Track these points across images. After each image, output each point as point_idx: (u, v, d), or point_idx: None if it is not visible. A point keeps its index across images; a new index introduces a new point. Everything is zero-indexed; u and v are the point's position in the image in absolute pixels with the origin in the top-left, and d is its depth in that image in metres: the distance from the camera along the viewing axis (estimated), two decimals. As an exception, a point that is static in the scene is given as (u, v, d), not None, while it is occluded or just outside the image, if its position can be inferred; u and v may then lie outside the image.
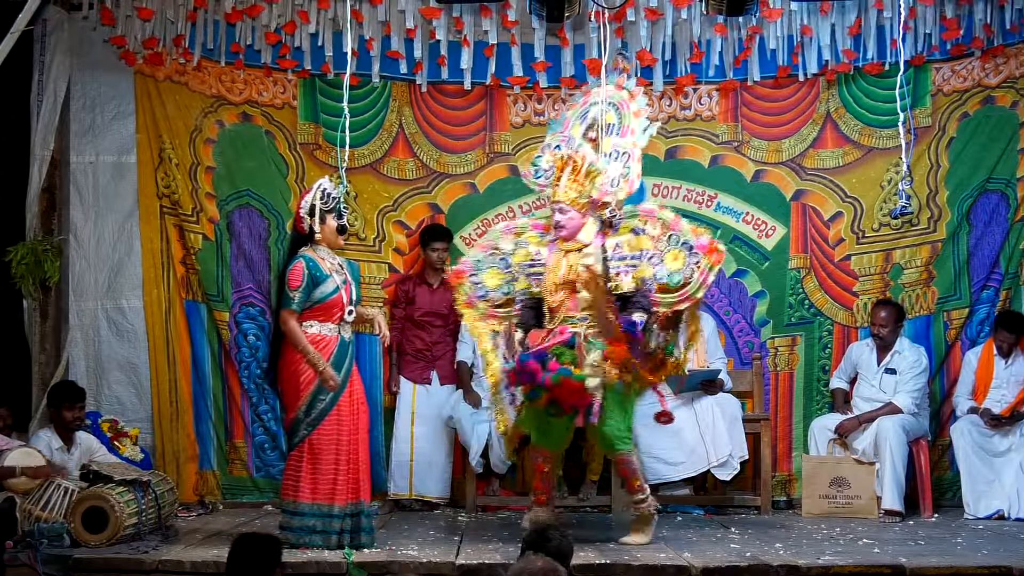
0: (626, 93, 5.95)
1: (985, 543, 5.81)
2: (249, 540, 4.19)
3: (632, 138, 5.83)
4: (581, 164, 5.68)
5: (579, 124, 5.98)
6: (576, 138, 5.90)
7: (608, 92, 5.92)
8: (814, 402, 7.38)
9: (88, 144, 7.32)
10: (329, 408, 5.48)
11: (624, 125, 5.86)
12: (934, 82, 7.35)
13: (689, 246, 5.57)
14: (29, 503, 5.60)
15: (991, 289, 7.32)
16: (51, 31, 7.16)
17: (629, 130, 5.84)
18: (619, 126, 5.86)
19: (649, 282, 5.56)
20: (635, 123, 5.86)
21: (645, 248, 5.63)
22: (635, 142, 5.82)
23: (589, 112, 5.96)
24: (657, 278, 5.56)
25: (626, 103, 5.91)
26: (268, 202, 7.37)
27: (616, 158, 5.78)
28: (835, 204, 7.43)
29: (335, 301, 5.53)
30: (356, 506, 5.54)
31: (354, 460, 5.53)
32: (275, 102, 7.42)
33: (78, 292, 7.27)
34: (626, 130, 5.85)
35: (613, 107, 5.91)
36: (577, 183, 5.67)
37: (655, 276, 5.56)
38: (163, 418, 7.22)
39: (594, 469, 7.05)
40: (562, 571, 3.41)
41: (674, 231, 5.63)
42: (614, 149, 5.81)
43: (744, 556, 5.36)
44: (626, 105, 5.90)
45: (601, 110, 5.88)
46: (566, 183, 5.68)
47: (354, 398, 5.57)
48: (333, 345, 5.52)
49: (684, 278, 5.54)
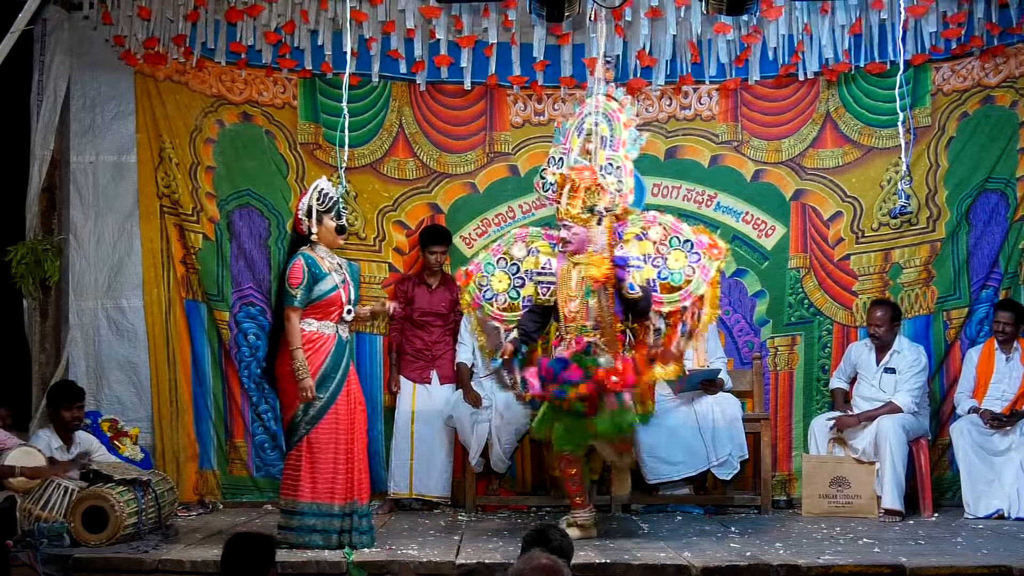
0: (616, 104, 6.04)
1: (985, 542, 5.81)
2: (242, 540, 4.17)
3: (623, 150, 5.93)
4: (579, 182, 5.75)
5: (576, 137, 6.07)
6: (574, 151, 6.01)
7: (600, 103, 6.01)
8: (814, 402, 7.38)
9: (88, 144, 7.32)
10: (327, 406, 5.50)
11: (616, 137, 5.95)
12: (934, 82, 7.36)
13: (690, 245, 5.73)
14: (29, 502, 5.60)
15: (990, 288, 7.33)
16: (51, 31, 7.17)
17: (620, 142, 5.95)
18: (611, 139, 5.96)
19: (652, 282, 5.71)
20: (625, 134, 5.96)
21: (648, 252, 5.78)
22: (626, 154, 5.93)
23: (584, 124, 6.05)
24: (661, 278, 5.70)
25: (617, 114, 6.01)
26: (268, 202, 7.38)
27: (610, 172, 5.88)
28: (835, 204, 7.44)
29: (333, 299, 5.55)
30: (351, 506, 5.55)
31: (351, 460, 5.54)
32: (275, 102, 7.42)
33: (78, 292, 7.28)
34: (618, 142, 5.95)
35: (606, 118, 6.00)
36: (577, 199, 5.74)
37: (658, 276, 5.71)
38: (163, 418, 7.22)
39: (594, 469, 7.03)
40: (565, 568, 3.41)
41: (675, 234, 5.79)
42: (608, 162, 5.91)
43: (744, 556, 5.37)
44: (617, 116, 6.00)
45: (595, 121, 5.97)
46: (567, 200, 5.76)
47: (351, 397, 5.59)
48: (331, 344, 5.54)
49: (686, 277, 5.69)
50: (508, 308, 6.05)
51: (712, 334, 7.12)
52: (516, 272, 6.05)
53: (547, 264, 5.93)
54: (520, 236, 6.14)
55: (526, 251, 6.05)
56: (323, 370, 5.51)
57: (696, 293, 5.72)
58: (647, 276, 5.72)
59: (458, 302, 7.23)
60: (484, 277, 6.07)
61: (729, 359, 7.30)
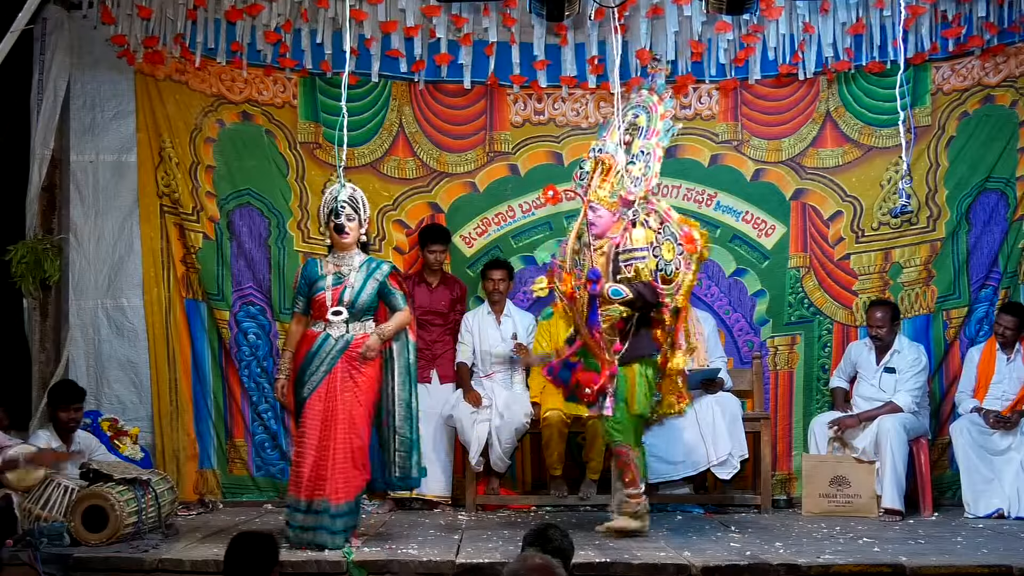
0: (656, 97, 6.10)
1: (985, 542, 5.81)
2: (246, 539, 4.18)
3: (656, 139, 5.97)
4: (609, 165, 5.89)
5: (616, 129, 6.12)
6: (611, 141, 6.05)
7: (641, 97, 6.11)
8: (814, 401, 7.39)
9: (88, 143, 7.32)
10: (303, 402, 5.60)
11: (651, 128, 6.01)
12: (934, 81, 7.36)
13: (675, 237, 5.77)
14: (29, 502, 5.60)
15: (990, 288, 7.33)
16: (51, 30, 7.17)
17: (654, 131, 6.00)
18: (647, 128, 6.03)
19: (655, 274, 5.75)
20: (660, 124, 6.00)
21: (652, 241, 5.80)
22: (658, 142, 5.97)
23: (627, 116, 6.13)
24: (660, 268, 5.76)
25: (655, 106, 6.06)
26: (268, 201, 7.38)
27: (641, 158, 5.94)
28: (835, 203, 7.44)
29: (318, 300, 5.67)
30: (321, 503, 5.47)
31: (324, 456, 5.50)
32: (275, 101, 7.42)
33: (78, 291, 7.27)
34: (652, 132, 6.00)
35: (644, 110, 6.08)
36: (607, 183, 5.88)
37: (658, 266, 5.76)
38: (163, 417, 7.22)
39: (594, 468, 7.05)
40: (559, 568, 3.41)
41: (667, 222, 5.82)
42: (641, 150, 5.97)
43: (744, 555, 5.36)
44: (655, 108, 6.06)
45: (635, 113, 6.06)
46: (597, 183, 5.90)
47: (331, 396, 5.56)
48: (313, 341, 5.64)
49: (675, 268, 5.74)
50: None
51: (712, 333, 7.14)
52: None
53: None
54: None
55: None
56: (301, 366, 5.63)
57: (683, 283, 5.76)
58: (651, 266, 5.74)
59: (458, 301, 7.26)
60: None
61: (729, 358, 7.31)
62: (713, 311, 7.37)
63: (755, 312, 7.45)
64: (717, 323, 7.30)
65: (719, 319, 7.37)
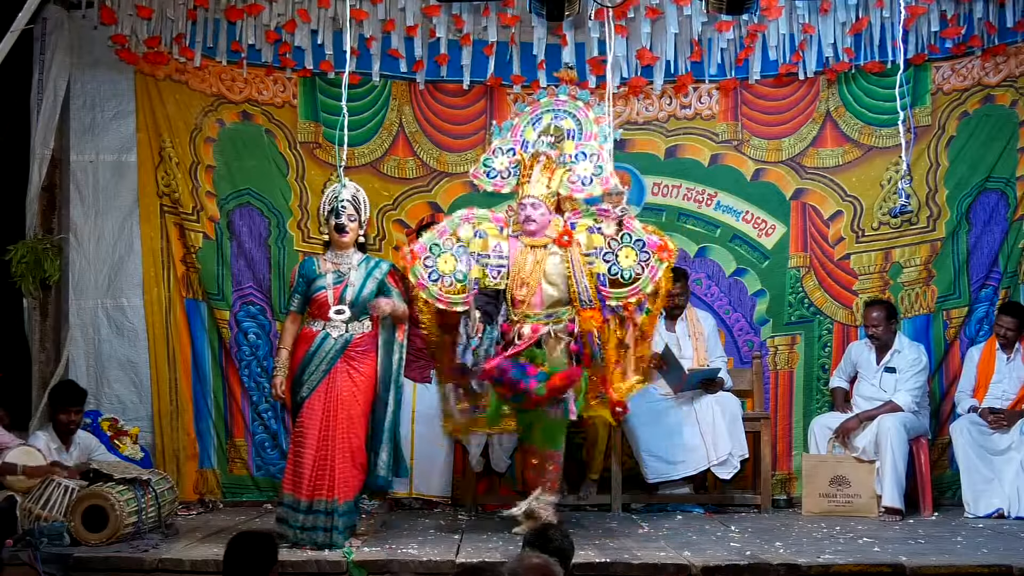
0: (581, 103, 6.13)
1: (985, 542, 5.81)
2: (245, 539, 4.19)
3: (596, 141, 6.02)
4: (551, 162, 5.89)
5: (531, 129, 6.12)
6: (531, 141, 6.06)
7: (562, 102, 6.13)
8: (814, 401, 7.39)
9: (88, 143, 7.31)
10: (302, 401, 5.59)
11: (585, 131, 6.05)
12: (934, 81, 7.36)
13: (641, 244, 5.80)
14: (29, 502, 5.60)
15: (990, 288, 7.33)
16: (51, 30, 7.16)
17: (591, 135, 6.04)
18: (579, 132, 6.05)
19: (602, 277, 5.80)
20: (595, 129, 6.05)
21: (599, 245, 5.85)
22: (600, 145, 6.00)
23: (542, 119, 6.12)
24: (611, 273, 5.80)
25: (583, 111, 6.10)
26: (268, 201, 7.38)
27: (584, 159, 5.95)
28: (835, 203, 7.44)
29: (319, 299, 5.67)
30: (322, 503, 5.49)
31: (324, 456, 5.52)
32: (275, 101, 7.42)
33: (78, 291, 7.27)
34: (589, 135, 6.04)
35: (570, 115, 6.10)
36: (548, 179, 5.87)
37: (608, 271, 5.80)
38: (163, 417, 7.22)
39: (594, 468, 7.05)
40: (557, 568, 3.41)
41: (627, 230, 5.84)
42: (579, 152, 5.98)
43: (744, 555, 5.37)
44: (583, 113, 6.10)
45: (554, 117, 6.10)
46: (537, 178, 5.88)
47: (331, 395, 5.57)
48: (312, 340, 5.63)
49: (635, 274, 5.77)
50: (454, 290, 5.87)
51: (712, 333, 7.14)
52: (462, 254, 5.92)
53: (497, 247, 5.92)
54: (466, 217, 6.05)
55: (473, 233, 5.97)
56: (300, 365, 5.63)
57: (644, 291, 5.78)
58: (598, 270, 5.79)
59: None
60: (430, 258, 5.89)
61: (729, 358, 7.30)
62: (713, 311, 7.37)
63: (755, 312, 7.45)
64: (717, 323, 7.30)
65: (719, 319, 7.37)
